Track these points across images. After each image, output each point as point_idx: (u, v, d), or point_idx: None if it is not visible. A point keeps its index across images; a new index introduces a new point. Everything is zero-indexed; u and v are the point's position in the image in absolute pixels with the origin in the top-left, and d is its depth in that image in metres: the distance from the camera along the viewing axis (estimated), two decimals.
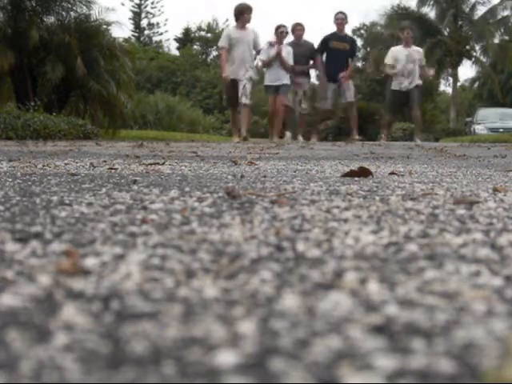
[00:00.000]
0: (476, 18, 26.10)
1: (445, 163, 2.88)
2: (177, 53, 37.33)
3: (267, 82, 9.68)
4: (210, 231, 0.85)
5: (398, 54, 9.77)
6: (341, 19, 9.95)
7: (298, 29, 9.98)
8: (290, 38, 9.93)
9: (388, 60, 9.90)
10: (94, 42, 11.89)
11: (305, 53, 10.00)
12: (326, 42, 10.03)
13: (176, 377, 0.36)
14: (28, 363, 0.38)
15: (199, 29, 38.76)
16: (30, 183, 1.53)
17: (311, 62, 10.20)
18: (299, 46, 9.86)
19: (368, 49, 28.57)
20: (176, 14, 66.79)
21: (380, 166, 2.51)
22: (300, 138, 10.27)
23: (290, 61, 9.52)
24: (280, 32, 9.38)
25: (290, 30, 9.83)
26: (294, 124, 10.54)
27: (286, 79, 9.63)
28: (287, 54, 9.53)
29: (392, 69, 9.74)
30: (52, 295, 0.53)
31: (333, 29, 10.08)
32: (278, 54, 9.29)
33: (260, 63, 9.67)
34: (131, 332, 0.44)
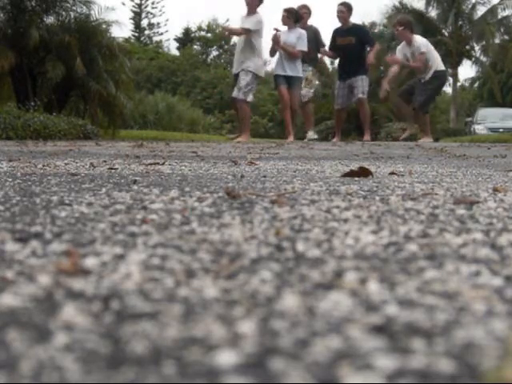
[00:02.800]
0: (476, 17, 26.12)
1: (445, 163, 2.88)
2: (177, 53, 37.34)
3: (277, 71, 8.80)
4: (210, 231, 0.85)
5: (397, 52, 9.10)
6: (340, 11, 8.99)
7: (303, 12, 8.98)
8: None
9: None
10: (94, 41, 11.89)
11: (309, 38, 8.81)
12: (333, 39, 9.18)
13: (176, 377, 0.36)
14: (28, 363, 0.38)
15: (199, 29, 38.76)
16: (29, 183, 1.53)
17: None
18: (304, 30, 8.81)
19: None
20: (176, 13, 66.82)
21: (380, 166, 2.51)
22: (310, 133, 9.33)
23: (303, 46, 8.47)
24: (283, 15, 8.45)
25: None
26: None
27: (296, 70, 8.60)
28: (297, 38, 8.44)
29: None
30: (52, 295, 0.53)
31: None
32: (274, 41, 8.32)
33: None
34: (131, 332, 0.44)
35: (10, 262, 0.65)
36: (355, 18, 9.50)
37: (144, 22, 41.35)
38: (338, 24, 9.21)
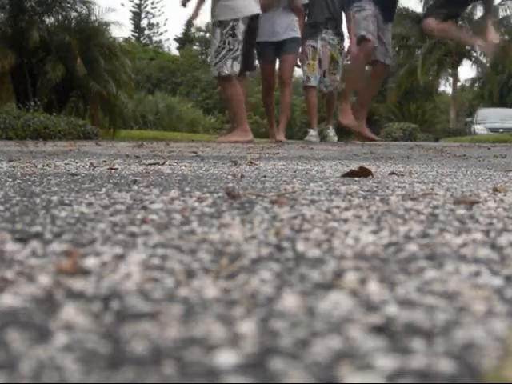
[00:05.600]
0: (476, 18, 26.12)
1: (445, 163, 2.88)
2: (177, 53, 37.37)
3: (260, 37, 6.01)
4: (210, 231, 0.85)
5: None
6: None
7: None
8: None
9: None
10: (94, 42, 11.91)
11: None
12: None
13: (176, 377, 0.36)
14: (28, 363, 0.38)
15: (198, 29, 38.76)
16: (29, 183, 1.53)
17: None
18: None
19: None
20: (176, 14, 66.91)
21: (380, 166, 2.50)
22: (331, 132, 7.13)
23: None
24: None
25: None
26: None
27: (293, 30, 6.16)
28: None
29: None
30: (52, 295, 0.53)
31: None
32: None
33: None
34: (131, 332, 0.44)
35: (10, 261, 0.65)
36: None
37: (144, 23, 41.42)
38: None
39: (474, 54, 26.70)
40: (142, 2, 41.70)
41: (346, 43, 7.04)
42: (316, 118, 7.11)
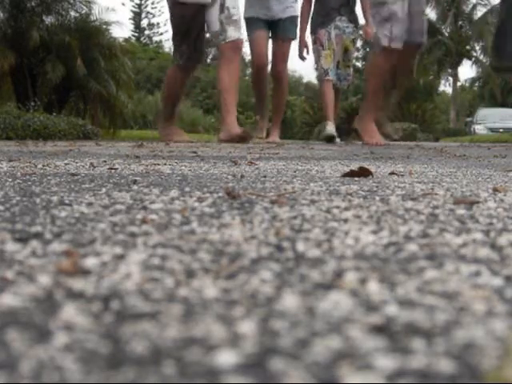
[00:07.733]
0: (476, 18, 26.14)
1: (445, 163, 2.88)
2: None
3: (250, 12, 5.23)
4: (210, 231, 0.85)
5: None
6: None
7: None
8: None
9: None
10: (94, 41, 11.91)
11: None
12: None
13: (176, 377, 0.36)
14: (28, 363, 0.38)
15: None
16: (30, 183, 1.53)
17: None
18: None
19: (367, 49, 28.62)
20: None
21: (380, 166, 2.50)
22: (329, 124, 6.03)
23: None
24: None
25: None
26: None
27: (291, 6, 5.28)
28: None
29: None
30: (52, 295, 0.53)
31: None
32: None
33: None
34: (131, 332, 0.44)
35: (10, 261, 0.65)
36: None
37: (144, 22, 41.46)
38: None
39: (474, 54, 26.71)
40: (143, 1, 41.75)
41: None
42: (333, 112, 6.18)
